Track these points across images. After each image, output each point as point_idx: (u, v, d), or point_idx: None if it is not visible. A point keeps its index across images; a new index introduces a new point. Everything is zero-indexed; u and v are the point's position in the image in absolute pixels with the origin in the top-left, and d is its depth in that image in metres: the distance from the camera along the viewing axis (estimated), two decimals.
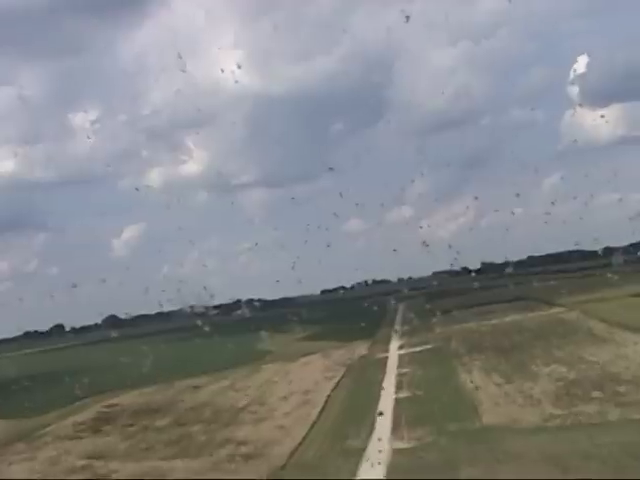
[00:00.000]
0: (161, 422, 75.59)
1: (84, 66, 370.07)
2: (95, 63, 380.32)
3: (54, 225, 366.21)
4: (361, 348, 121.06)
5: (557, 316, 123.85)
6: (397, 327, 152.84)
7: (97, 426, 77.39)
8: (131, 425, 76.02)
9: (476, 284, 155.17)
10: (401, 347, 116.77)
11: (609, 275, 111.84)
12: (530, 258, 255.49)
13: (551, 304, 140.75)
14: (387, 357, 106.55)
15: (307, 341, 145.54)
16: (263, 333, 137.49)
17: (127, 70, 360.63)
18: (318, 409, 71.83)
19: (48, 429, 78.98)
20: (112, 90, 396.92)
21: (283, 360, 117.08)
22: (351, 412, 68.53)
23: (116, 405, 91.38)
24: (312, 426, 64.35)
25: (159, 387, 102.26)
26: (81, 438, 72.44)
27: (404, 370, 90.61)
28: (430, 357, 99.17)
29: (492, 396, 65.73)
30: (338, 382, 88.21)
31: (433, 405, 65.71)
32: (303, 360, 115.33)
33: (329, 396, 78.46)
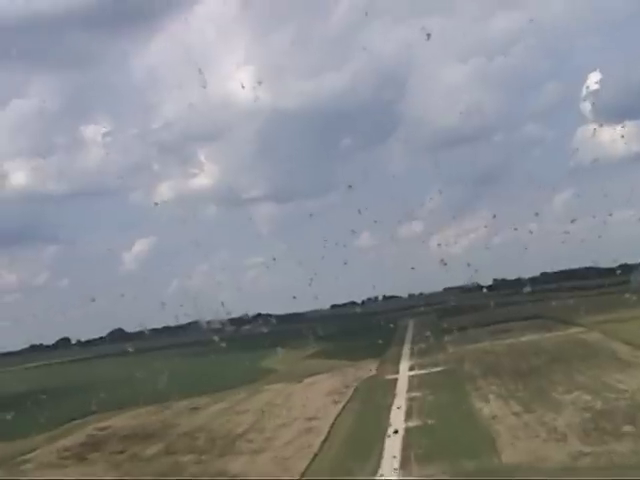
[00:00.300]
0: (152, 449, 70.18)
1: (95, 79, 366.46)
2: (107, 76, 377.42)
3: (64, 238, 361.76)
4: (370, 367, 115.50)
5: (576, 337, 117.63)
6: (408, 346, 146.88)
7: (84, 453, 72.03)
8: (120, 452, 70.63)
9: (491, 301, 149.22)
10: (412, 368, 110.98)
11: (627, 295, 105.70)
12: (543, 275, 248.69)
13: (569, 323, 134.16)
14: (397, 379, 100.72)
15: (315, 359, 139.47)
16: (279, 349, 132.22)
17: (138, 83, 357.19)
18: (321, 438, 66.18)
19: (32, 455, 73.66)
20: (124, 103, 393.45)
21: (288, 380, 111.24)
22: (357, 443, 62.93)
23: (108, 428, 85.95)
24: (314, 458, 58.80)
25: (156, 407, 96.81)
26: (65, 467, 67.13)
27: (414, 394, 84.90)
28: (442, 380, 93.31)
29: (511, 428, 59.95)
30: (344, 406, 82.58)
31: (446, 437, 60.13)
32: (308, 380, 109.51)
33: (334, 423, 72.75)
